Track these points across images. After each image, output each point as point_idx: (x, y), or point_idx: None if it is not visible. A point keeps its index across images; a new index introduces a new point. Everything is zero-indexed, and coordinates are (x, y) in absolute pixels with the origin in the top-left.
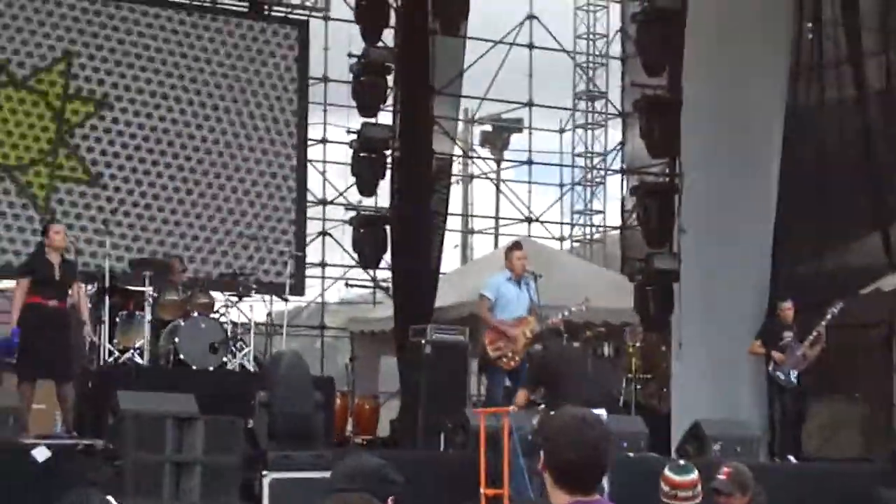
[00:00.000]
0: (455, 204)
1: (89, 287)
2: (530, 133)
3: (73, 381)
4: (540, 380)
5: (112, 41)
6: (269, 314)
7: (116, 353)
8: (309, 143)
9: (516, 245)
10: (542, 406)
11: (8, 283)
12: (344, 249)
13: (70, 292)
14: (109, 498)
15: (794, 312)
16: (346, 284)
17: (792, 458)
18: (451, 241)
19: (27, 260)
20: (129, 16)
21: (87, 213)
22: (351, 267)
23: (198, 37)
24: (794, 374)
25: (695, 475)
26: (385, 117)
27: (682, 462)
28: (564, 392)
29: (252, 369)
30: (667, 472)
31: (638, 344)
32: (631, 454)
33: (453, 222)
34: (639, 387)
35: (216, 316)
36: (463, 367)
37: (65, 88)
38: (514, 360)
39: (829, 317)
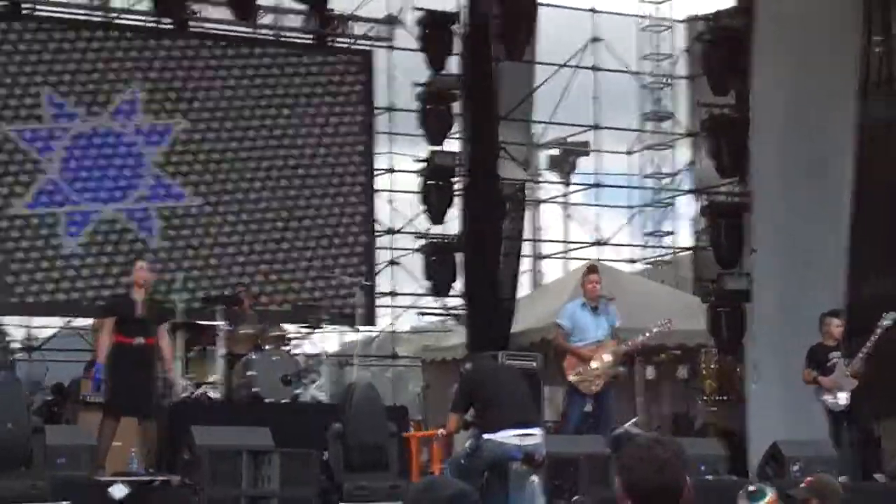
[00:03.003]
0: (524, 229)
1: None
2: (598, 156)
3: (158, 419)
4: (470, 401)
5: (180, 74)
6: (340, 345)
7: (192, 389)
8: (376, 172)
9: (591, 269)
10: (474, 429)
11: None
12: (414, 278)
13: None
14: None
15: (848, 331)
16: (418, 313)
17: (878, 477)
18: (521, 266)
19: (111, 299)
20: (196, 50)
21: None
22: (421, 295)
23: (264, 70)
24: (843, 397)
25: (768, 499)
26: (452, 145)
27: (752, 488)
28: (494, 413)
29: (325, 401)
30: (740, 501)
31: (713, 366)
32: (709, 477)
33: (523, 247)
34: (715, 409)
35: (288, 348)
36: (536, 393)
37: None
38: (596, 384)
39: (879, 331)
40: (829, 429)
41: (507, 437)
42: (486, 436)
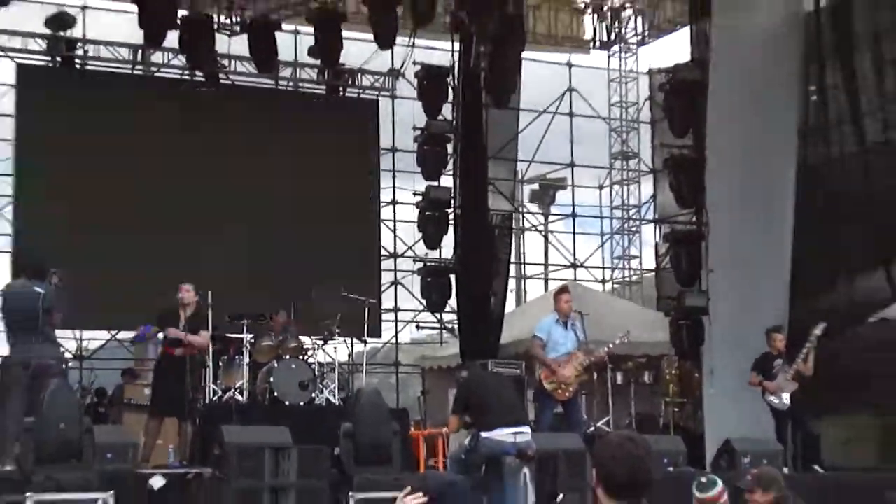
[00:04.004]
0: (510, 254)
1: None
2: (573, 190)
3: (191, 419)
4: (467, 404)
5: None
6: (350, 354)
7: (220, 393)
8: (381, 204)
9: (563, 289)
10: (472, 428)
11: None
12: (413, 296)
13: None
14: None
15: (788, 341)
16: (417, 327)
17: (817, 468)
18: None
19: (161, 313)
20: (226, 100)
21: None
22: (420, 311)
23: (284, 117)
24: (786, 397)
25: (716, 490)
26: (446, 180)
27: (703, 479)
28: (490, 414)
29: (337, 403)
30: (694, 492)
31: (674, 372)
32: (671, 469)
33: (509, 270)
34: (676, 410)
35: (305, 357)
36: (521, 397)
37: None
38: (568, 390)
39: (812, 338)
40: (775, 426)
41: (502, 434)
42: (483, 434)
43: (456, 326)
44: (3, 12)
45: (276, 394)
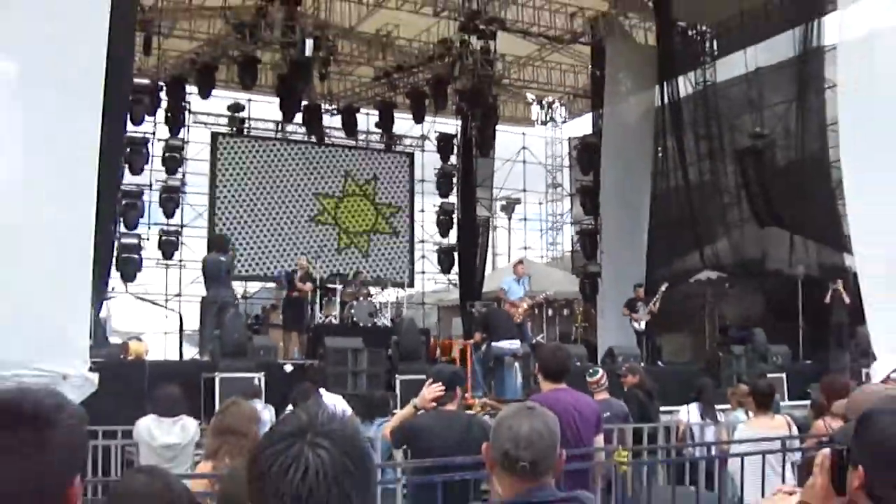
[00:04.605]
0: (488, 241)
1: (308, 284)
2: (525, 205)
3: (307, 333)
4: (484, 327)
5: (324, 163)
6: (397, 297)
7: (323, 318)
8: (416, 212)
9: (520, 262)
10: (487, 341)
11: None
12: (433, 264)
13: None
14: (322, 389)
15: (645, 292)
16: (434, 282)
17: (660, 363)
18: (486, 260)
19: (290, 272)
20: (328, 151)
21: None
22: (437, 273)
23: (361, 161)
24: (643, 324)
25: (598, 375)
26: (453, 199)
27: (591, 370)
28: (498, 333)
29: (390, 325)
30: (586, 377)
31: (581, 309)
32: (578, 364)
33: (487, 250)
34: (581, 330)
35: (371, 299)
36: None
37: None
38: (520, 318)
39: (659, 294)
40: (636, 340)
41: (504, 344)
42: (494, 344)
43: (458, 281)
44: (203, 101)
45: (355, 319)
